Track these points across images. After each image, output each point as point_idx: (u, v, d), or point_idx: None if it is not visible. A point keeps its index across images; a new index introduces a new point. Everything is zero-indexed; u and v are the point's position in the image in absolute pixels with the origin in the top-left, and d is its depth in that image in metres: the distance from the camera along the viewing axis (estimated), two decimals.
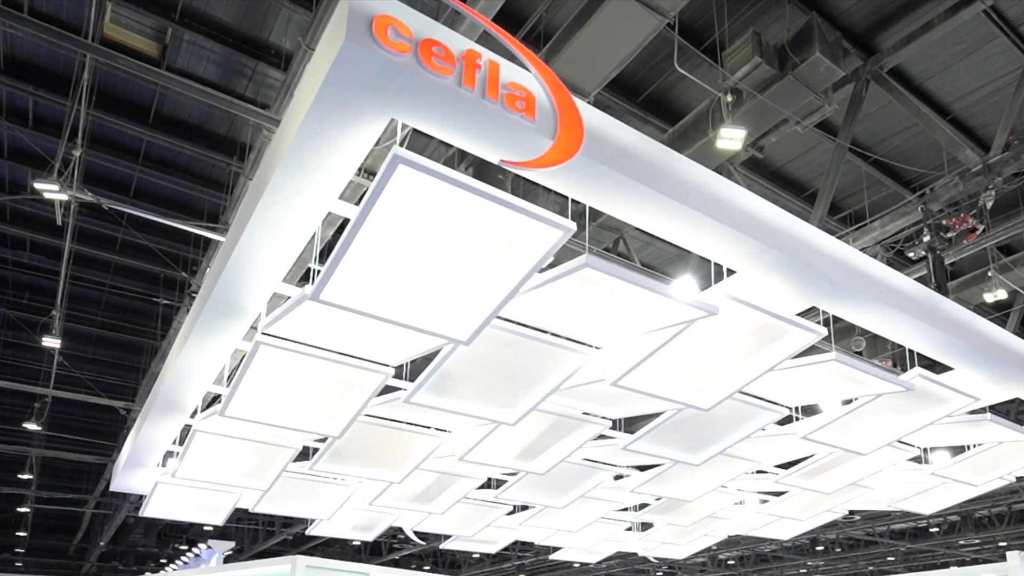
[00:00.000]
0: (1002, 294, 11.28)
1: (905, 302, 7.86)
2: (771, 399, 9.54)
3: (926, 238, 9.66)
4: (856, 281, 7.40)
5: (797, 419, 10.40)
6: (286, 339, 8.14)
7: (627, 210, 6.28)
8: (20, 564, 42.36)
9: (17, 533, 35.12)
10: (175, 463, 11.75)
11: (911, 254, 9.98)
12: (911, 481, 13.23)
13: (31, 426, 19.89)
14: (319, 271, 6.39)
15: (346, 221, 6.23)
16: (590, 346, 8.07)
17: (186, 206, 15.39)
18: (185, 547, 35.83)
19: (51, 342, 14.77)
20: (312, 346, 8.36)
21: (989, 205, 9.24)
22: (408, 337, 7.78)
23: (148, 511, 14.35)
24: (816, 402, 9.32)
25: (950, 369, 9.27)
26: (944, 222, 9.59)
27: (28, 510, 30.89)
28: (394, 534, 20.69)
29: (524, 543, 26.96)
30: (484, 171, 10.54)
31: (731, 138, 8.85)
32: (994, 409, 10.32)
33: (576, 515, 15.07)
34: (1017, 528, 28.33)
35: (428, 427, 10.81)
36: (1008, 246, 12.20)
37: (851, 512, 26.51)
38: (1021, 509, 28.62)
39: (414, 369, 9.21)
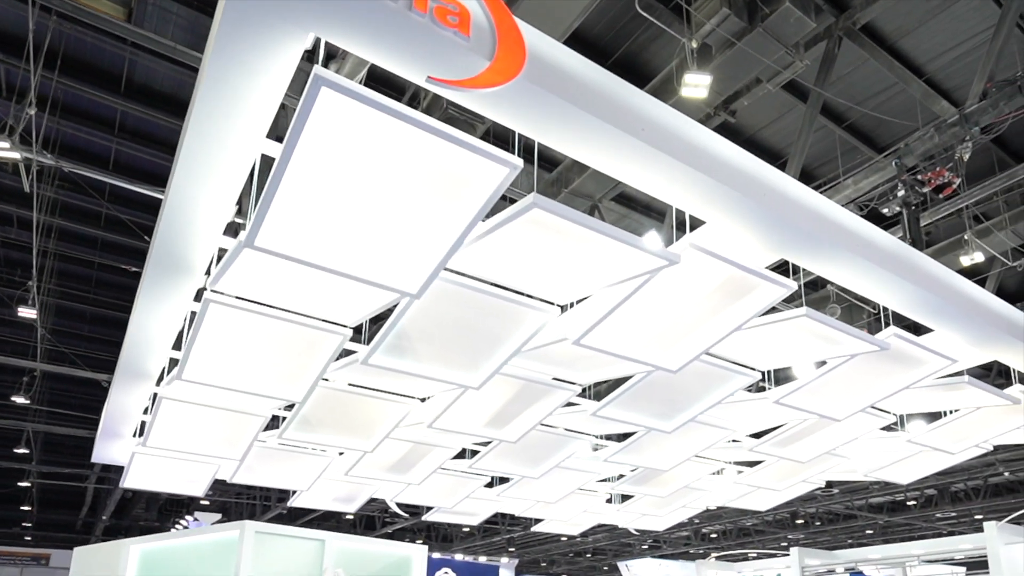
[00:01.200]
0: (978, 257, 10.57)
1: (879, 255, 7.15)
2: (742, 362, 8.84)
3: (900, 192, 8.95)
4: (827, 231, 6.69)
5: (768, 388, 9.75)
6: (241, 299, 7.53)
7: (575, 144, 5.57)
8: (29, 538, 41.84)
9: (22, 507, 34.55)
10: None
11: (885, 210, 9.26)
12: (887, 450, 12.56)
13: (20, 400, 19.30)
14: None
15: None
16: (551, 303, 7.36)
17: (166, 179, 14.67)
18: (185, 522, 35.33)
19: (27, 313, 14.13)
20: (266, 305, 7.72)
21: (966, 157, 8.54)
22: (359, 292, 7.12)
23: (128, 482, 13.84)
24: (789, 364, 8.61)
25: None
26: (919, 177, 8.89)
27: (29, 484, 30.15)
28: (386, 508, 20.07)
29: (513, 517, 26.45)
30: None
31: (696, 85, 8.09)
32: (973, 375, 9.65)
33: (553, 486, 14.41)
34: (993, 501, 27.81)
35: (398, 394, 10.10)
36: (984, 214, 11.46)
37: (829, 485, 25.92)
38: (997, 483, 28.13)
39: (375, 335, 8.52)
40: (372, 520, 35.47)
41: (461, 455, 13.32)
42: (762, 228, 6.47)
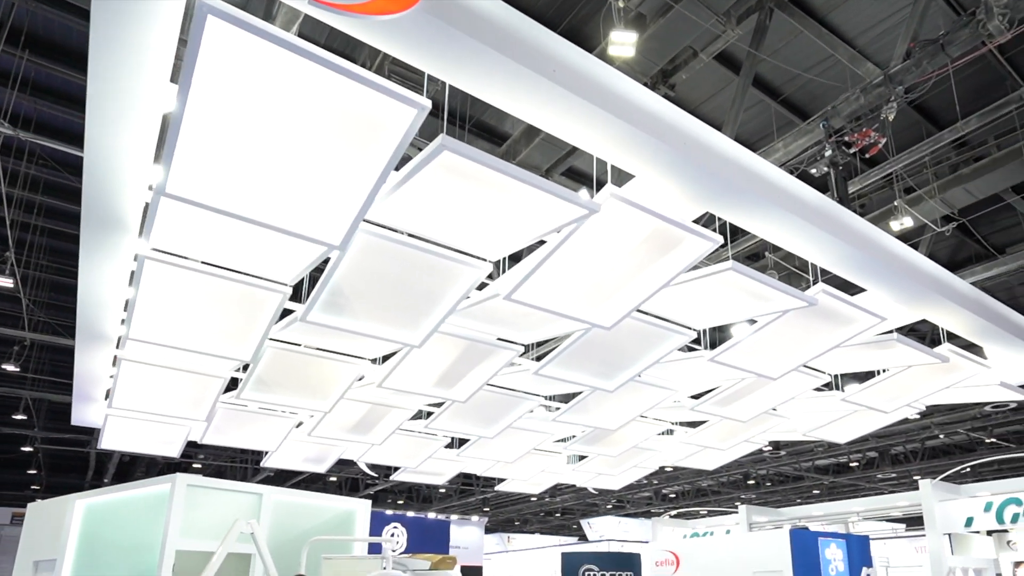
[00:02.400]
0: (908, 222, 10.06)
1: (805, 210, 6.62)
2: (676, 320, 8.31)
3: (827, 153, 8.42)
4: (750, 184, 6.15)
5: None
6: (180, 256, 6.99)
7: (480, 83, 4.97)
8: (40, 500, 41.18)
9: (29, 471, 33.88)
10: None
11: (813, 171, 8.71)
12: (824, 410, 12.08)
13: (10, 367, 18.81)
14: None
15: None
16: (482, 259, 6.81)
17: None
18: None
19: (3, 281, 13.62)
20: (203, 263, 7.17)
21: (891, 117, 8.02)
22: (289, 247, 6.57)
23: (105, 443, 13.41)
24: (722, 322, 8.09)
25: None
26: (847, 138, 8.36)
27: (32, 449, 29.46)
28: (367, 472, 19.55)
29: (487, 479, 25.95)
30: None
31: (622, 43, 7.49)
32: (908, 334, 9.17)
33: (510, 446, 13.90)
34: (930, 463, 27.53)
35: (349, 355, 9.56)
36: (916, 186, 10.93)
37: (777, 447, 25.60)
38: (933, 445, 27.87)
39: None
40: (356, 482, 34.89)
41: (419, 417, 12.86)
42: (683, 178, 5.92)
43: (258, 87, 4.59)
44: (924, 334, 14.04)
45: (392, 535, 13.04)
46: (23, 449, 30.20)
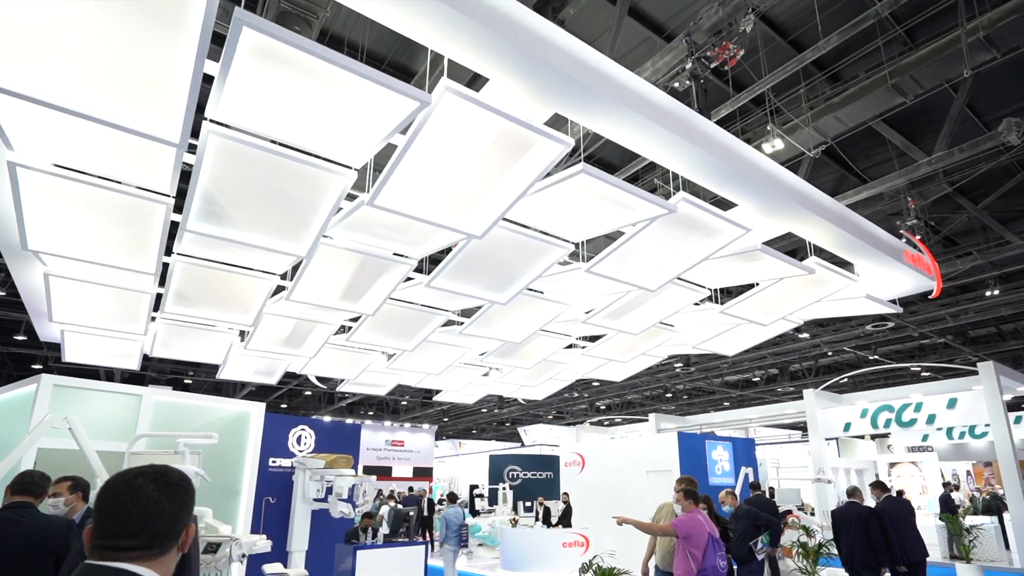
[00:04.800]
0: (778, 144, 9.15)
1: (658, 114, 5.70)
2: (554, 234, 7.40)
3: (688, 65, 7.46)
4: (593, 80, 5.20)
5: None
6: (60, 167, 6.02)
7: None
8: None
9: None
10: None
11: (676, 84, 7.75)
12: (709, 324, 11.28)
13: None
14: None
15: None
16: (347, 167, 5.86)
17: None
18: None
19: None
20: (80, 171, 6.17)
21: (748, 29, 7.07)
22: (151, 150, 5.58)
23: (67, 356, 12.34)
24: (595, 233, 7.18)
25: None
26: (708, 53, 7.40)
27: (41, 367, 28.31)
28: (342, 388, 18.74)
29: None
30: None
31: None
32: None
33: (433, 360, 13.05)
34: (822, 377, 27.24)
35: (258, 270, 8.61)
36: (789, 119, 10.01)
37: (687, 364, 25.02)
38: (825, 363, 27.57)
39: None
40: (332, 396, 34.10)
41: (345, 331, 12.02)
42: (519, 72, 4.97)
43: None
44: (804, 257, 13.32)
45: (299, 437, 12.13)
46: (33, 367, 28.95)
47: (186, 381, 30.12)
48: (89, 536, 1.85)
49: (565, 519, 18.49)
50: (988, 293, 16.70)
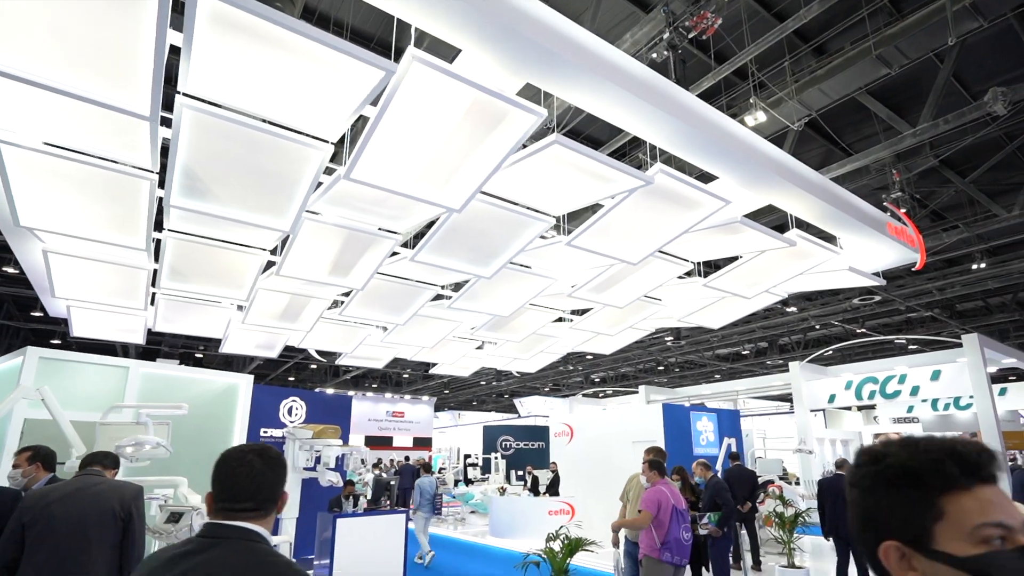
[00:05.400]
0: (761, 116, 8.85)
1: (632, 83, 5.43)
2: (534, 207, 7.15)
3: (666, 35, 7.16)
4: (567, 51, 4.95)
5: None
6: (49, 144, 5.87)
7: None
8: None
9: None
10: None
11: (654, 55, 7.45)
12: (694, 297, 11.03)
13: (10, 270, 17.56)
14: None
15: None
16: (324, 140, 5.61)
17: None
18: None
19: None
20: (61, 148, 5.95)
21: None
22: (128, 128, 5.34)
23: (75, 331, 12.16)
24: (575, 206, 6.93)
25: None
26: (687, 22, 7.11)
27: (59, 342, 28.12)
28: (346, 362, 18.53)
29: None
30: None
31: None
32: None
33: (426, 333, 12.85)
34: (810, 351, 26.97)
35: (247, 246, 8.40)
36: (773, 91, 9.70)
37: (677, 338, 24.78)
38: (813, 336, 27.31)
39: None
40: (336, 370, 33.94)
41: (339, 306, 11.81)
42: (487, 40, 4.72)
43: None
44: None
45: (290, 408, 11.96)
46: (52, 342, 28.75)
47: (197, 355, 29.91)
48: (210, 500, 2.18)
49: (553, 488, 18.56)
50: (975, 266, 16.42)
